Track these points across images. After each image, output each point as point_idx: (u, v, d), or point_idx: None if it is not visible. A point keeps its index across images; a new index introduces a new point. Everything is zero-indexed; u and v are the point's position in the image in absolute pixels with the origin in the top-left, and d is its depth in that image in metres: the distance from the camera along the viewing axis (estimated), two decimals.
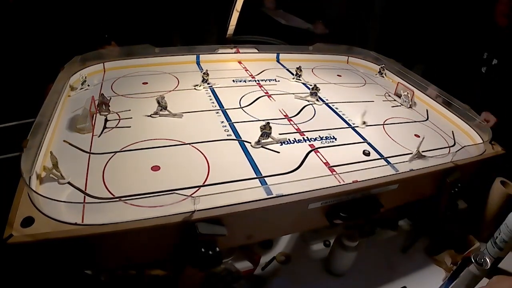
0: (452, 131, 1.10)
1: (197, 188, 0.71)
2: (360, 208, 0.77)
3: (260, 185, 0.74)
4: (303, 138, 0.93)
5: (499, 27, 1.22)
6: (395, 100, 1.25)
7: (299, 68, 1.28)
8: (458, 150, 0.89)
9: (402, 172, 0.83)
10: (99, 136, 0.84)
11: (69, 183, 0.67)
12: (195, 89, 1.12)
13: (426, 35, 1.90)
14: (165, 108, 0.94)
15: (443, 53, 1.74)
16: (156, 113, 0.94)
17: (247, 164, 0.80)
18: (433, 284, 0.96)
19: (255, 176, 0.77)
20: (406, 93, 1.22)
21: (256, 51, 1.44)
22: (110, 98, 0.96)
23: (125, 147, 0.81)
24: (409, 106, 1.21)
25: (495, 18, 1.20)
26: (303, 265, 0.99)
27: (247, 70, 1.33)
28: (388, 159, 0.89)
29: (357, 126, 1.03)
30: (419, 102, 1.26)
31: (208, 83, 1.14)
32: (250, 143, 0.88)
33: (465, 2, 1.70)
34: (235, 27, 1.52)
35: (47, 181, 0.68)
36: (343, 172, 0.79)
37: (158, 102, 0.93)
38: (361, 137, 0.98)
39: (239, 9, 1.41)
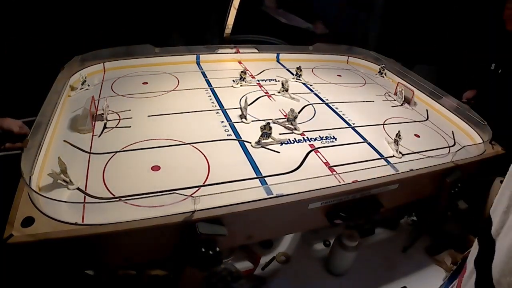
0: (452, 131, 1.10)
1: (197, 188, 0.71)
2: (360, 208, 0.77)
3: (260, 185, 0.74)
4: (303, 138, 0.93)
5: (509, 35, 1.23)
6: (395, 100, 1.25)
7: (299, 68, 1.28)
8: (458, 150, 0.89)
9: (402, 172, 0.82)
10: (99, 136, 0.84)
11: (78, 189, 0.67)
12: (232, 86, 1.15)
13: (427, 35, 1.90)
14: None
15: (445, 54, 1.74)
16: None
17: (247, 164, 0.80)
18: (433, 284, 0.96)
19: (255, 176, 0.77)
20: (401, 90, 1.23)
21: (256, 51, 1.45)
22: (108, 106, 0.94)
23: (125, 147, 0.81)
24: (402, 102, 1.22)
25: (506, 26, 1.21)
26: (303, 265, 0.99)
27: (247, 70, 1.33)
28: (388, 159, 0.89)
29: (356, 126, 1.03)
30: (419, 102, 1.26)
31: (245, 81, 1.18)
32: (250, 143, 0.88)
33: (464, 3, 1.70)
34: (235, 26, 1.52)
35: (48, 181, 0.67)
36: (343, 172, 0.79)
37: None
38: (361, 137, 0.98)
39: (236, 6, 1.41)
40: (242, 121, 0.96)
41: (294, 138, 0.93)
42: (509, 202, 0.43)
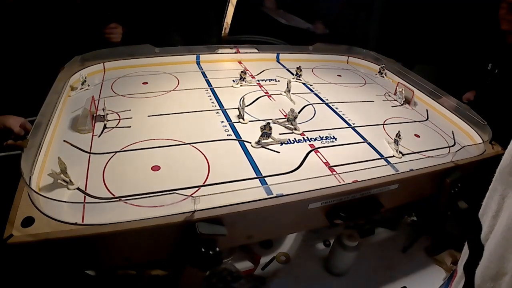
0: (452, 131, 1.10)
1: (197, 188, 0.71)
2: (360, 208, 0.78)
3: (260, 185, 0.74)
4: (303, 138, 0.94)
5: (504, 35, 1.23)
6: (395, 100, 1.25)
7: (299, 68, 1.28)
8: (458, 150, 0.89)
9: (402, 172, 0.82)
10: (99, 136, 0.84)
11: (78, 188, 0.67)
12: (232, 86, 1.16)
13: (426, 35, 1.90)
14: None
15: (445, 54, 1.74)
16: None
17: (247, 164, 0.80)
18: (433, 284, 0.96)
19: (255, 176, 0.77)
20: (401, 90, 1.23)
21: (256, 51, 1.45)
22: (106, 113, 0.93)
23: (125, 147, 0.81)
24: (402, 102, 1.22)
25: (500, 26, 1.22)
26: (303, 265, 0.99)
27: (247, 70, 1.33)
28: (388, 159, 0.89)
29: (356, 126, 1.03)
30: (419, 102, 1.26)
31: (245, 81, 1.18)
32: (250, 143, 0.88)
33: (465, 4, 1.71)
34: (236, 27, 1.52)
35: (48, 181, 0.68)
36: (343, 172, 0.79)
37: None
38: (361, 137, 0.98)
39: (234, 3, 1.41)
40: (239, 121, 0.96)
41: (294, 138, 0.93)
42: (498, 206, 0.42)
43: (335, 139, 0.95)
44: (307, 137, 0.94)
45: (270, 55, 1.48)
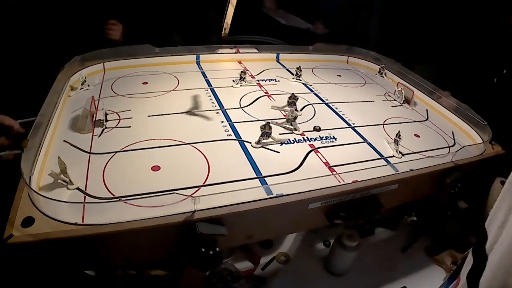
0: (452, 131, 1.10)
1: (197, 188, 0.71)
2: (360, 208, 0.78)
3: (260, 185, 0.74)
4: (303, 138, 0.94)
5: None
6: (395, 100, 1.25)
7: (299, 68, 1.28)
8: (458, 150, 0.89)
9: (402, 172, 0.82)
10: (99, 136, 0.84)
11: (78, 188, 0.67)
12: (232, 86, 1.16)
13: (427, 35, 1.90)
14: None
15: (445, 54, 1.74)
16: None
17: (247, 164, 0.80)
18: (433, 284, 0.96)
19: (255, 176, 0.77)
20: (400, 89, 1.23)
21: (256, 51, 1.44)
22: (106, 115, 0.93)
23: (125, 147, 0.81)
24: (402, 102, 1.22)
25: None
26: (303, 265, 0.99)
27: (247, 70, 1.33)
28: (388, 159, 0.89)
29: (356, 126, 1.03)
30: (419, 102, 1.26)
31: (245, 81, 1.18)
32: (250, 143, 0.88)
33: (466, 4, 1.70)
34: (236, 27, 1.51)
35: (48, 181, 0.68)
36: (343, 172, 0.79)
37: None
38: (361, 137, 0.98)
39: (234, 4, 1.41)
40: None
41: (294, 138, 0.93)
42: (505, 217, 0.42)
43: (335, 139, 0.95)
44: (307, 137, 0.94)
45: (270, 55, 1.48)
